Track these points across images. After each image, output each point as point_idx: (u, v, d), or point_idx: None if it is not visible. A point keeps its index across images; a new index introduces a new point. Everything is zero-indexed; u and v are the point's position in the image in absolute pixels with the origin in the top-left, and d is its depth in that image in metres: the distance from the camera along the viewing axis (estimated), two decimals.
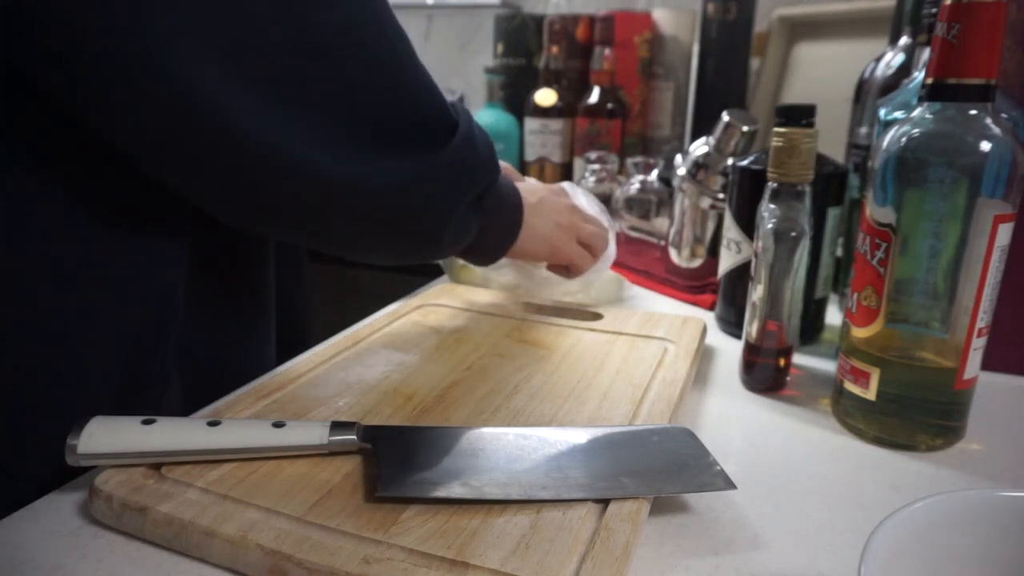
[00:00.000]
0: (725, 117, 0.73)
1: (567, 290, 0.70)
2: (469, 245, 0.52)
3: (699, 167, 0.74)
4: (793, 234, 0.50)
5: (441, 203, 0.45)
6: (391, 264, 0.51)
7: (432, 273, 0.84)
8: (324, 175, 0.39)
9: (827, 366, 0.59)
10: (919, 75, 0.57)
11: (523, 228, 0.56)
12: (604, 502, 0.36)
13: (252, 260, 0.53)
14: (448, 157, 0.43)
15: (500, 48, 1.29)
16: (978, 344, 0.44)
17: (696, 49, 1.17)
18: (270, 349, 0.57)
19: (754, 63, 1.17)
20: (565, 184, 0.68)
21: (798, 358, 0.60)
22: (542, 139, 1.19)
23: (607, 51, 1.14)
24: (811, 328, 0.64)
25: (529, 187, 0.59)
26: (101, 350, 0.41)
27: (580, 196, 0.68)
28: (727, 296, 0.66)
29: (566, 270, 0.64)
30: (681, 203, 0.76)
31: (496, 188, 0.51)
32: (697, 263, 0.77)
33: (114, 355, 0.42)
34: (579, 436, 0.41)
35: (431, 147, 0.43)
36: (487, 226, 0.51)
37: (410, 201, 0.43)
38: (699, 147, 0.75)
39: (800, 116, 0.53)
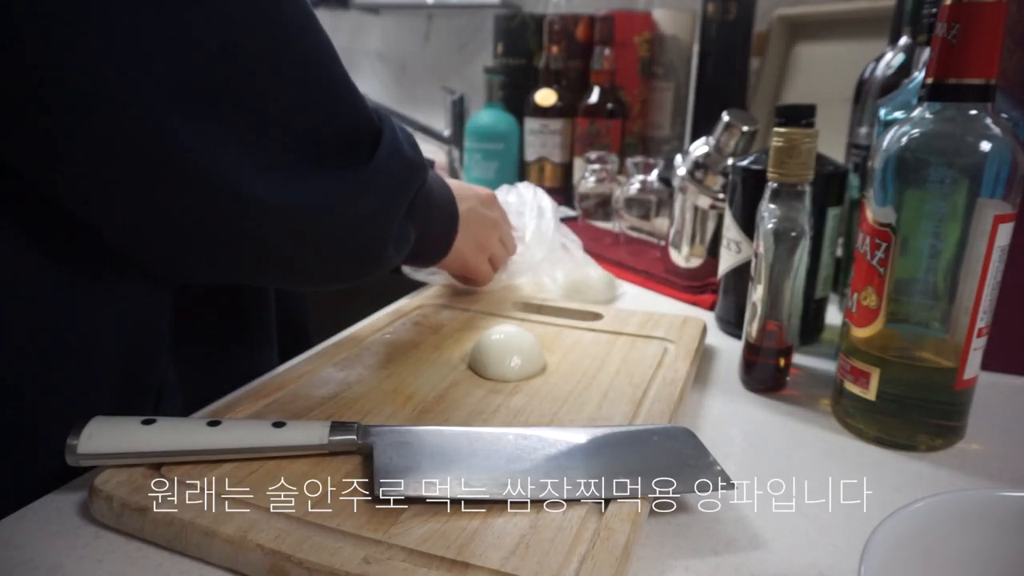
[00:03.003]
0: (725, 117, 0.73)
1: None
2: (411, 252, 0.50)
3: (699, 167, 0.74)
4: (793, 234, 0.50)
5: (381, 215, 0.43)
6: (342, 287, 0.48)
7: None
8: (256, 199, 0.36)
9: (827, 366, 0.59)
10: (919, 75, 0.57)
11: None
12: (604, 502, 0.36)
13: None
14: (378, 166, 0.41)
15: (500, 48, 1.29)
16: (978, 344, 0.44)
17: (696, 49, 1.17)
18: (271, 352, 0.57)
19: (754, 63, 1.17)
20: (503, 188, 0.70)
21: (798, 358, 0.60)
22: (542, 139, 1.19)
23: (607, 51, 1.14)
24: (811, 328, 0.64)
25: (459, 192, 0.58)
26: (87, 370, 0.41)
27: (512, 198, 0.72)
28: (727, 296, 0.66)
29: (465, 280, 0.66)
30: (681, 203, 0.76)
31: (427, 188, 0.49)
32: (697, 263, 0.77)
33: (101, 376, 0.41)
34: (579, 436, 0.41)
35: (360, 159, 0.41)
36: (424, 229, 0.50)
37: (349, 218, 0.41)
38: (699, 147, 0.75)
39: (800, 116, 0.53)
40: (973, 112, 0.41)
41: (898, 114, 0.55)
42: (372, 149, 0.42)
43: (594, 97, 1.15)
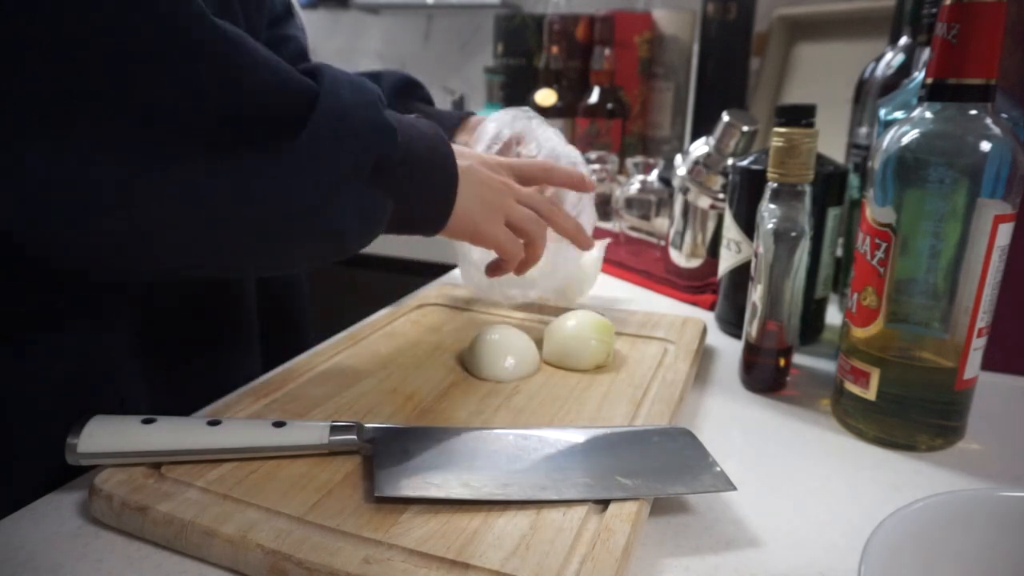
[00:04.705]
0: (725, 117, 0.73)
1: (507, 293, 0.64)
2: (398, 221, 0.45)
3: (699, 167, 0.74)
4: (793, 234, 0.50)
5: (319, 189, 0.39)
6: (309, 269, 0.45)
7: (432, 273, 0.84)
8: (172, 194, 0.34)
9: (827, 366, 0.59)
10: (919, 75, 0.57)
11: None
12: (604, 503, 0.36)
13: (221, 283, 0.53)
14: (309, 137, 0.37)
15: (500, 48, 1.29)
16: (978, 344, 0.44)
17: (696, 49, 1.17)
18: (251, 363, 0.57)
19: (754, 63, 1.17)
20: (519, 123, 0.59)
21: (798, 358, 0.60)
22: None
23: (607, 51, 1.14)
24: (811, 328, 0.64)
25: (459, 150, 0.50)
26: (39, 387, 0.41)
27: (540, 134, 0.59)
28: (727, 296, 0.66)
29: (500, 263, 0.55)
30: (681, 203, 0.76)
31: (405, 147, 0.43)
32: (697, 263, 0.77)
33: (62, 379, 0.42)
34: (579, 436, 0.41)
35: (282, 134, 0.37)
36: (406, 193, 0.44)
37: (274, 201, 0.37)
38: (699, 147, 0.75)
39: (800, 116, 0.53)
40: (973, 112, 0.41)
41: (898, 114, 0.55)
42: (300, 120, 0.37)
43: (594, 97, 1.15)
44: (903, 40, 0.71)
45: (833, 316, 0.68)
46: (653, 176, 0.92)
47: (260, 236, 0.38)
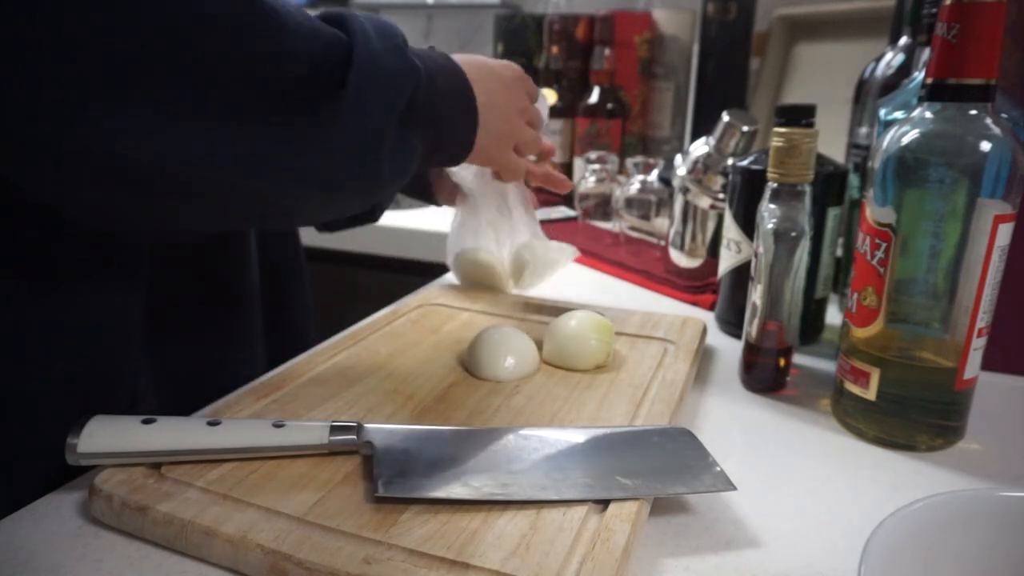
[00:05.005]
0: (725, 117, 0.73)
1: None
2: (428, 155, 0.47)
3: (699, 167, 0.74)
4: (793, 234, 0.50)
5: (356, 141, 0.40)
6: (350, 214, 0.47)
7: (432, 273, 0.84)
8: (210, 168, 0.35)
9: (827, 366, 0.59)
10: (919, 75, 0.57)
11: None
12: (604, 503, 0.35)
13: (224, 270, 0.53)
14: (350, 93, 0.39)
15: (500, 48, 1.29)
16: (978, 344, 0.44)
17: (696, 49, 1.17)
18: (254, 358, 0.57)
19: (754, 63, 1.17)
20: None
21: (798, 358, 0.60)
22: None
23: (607, 51, 1.14)
24: (811, 328, 0.64)
25: (476, 75, 0.51)
26: (48, 371, 0.41)
27: None
28: (727, 296, 0.66)
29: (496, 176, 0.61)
30: (681, 203, 0.76)
31: (431, 88, 0.44)
32: (697, 263, 0.77)
33: (63, 379, 0.42)
34: (579, 436, 0.41)
35: (323, 95, 0.38)
36: (435, 132, 0.47)
37: (316, 155, 0.39)
38: (699, 147, 0.75)
39: (800, 116, 0.53)
40: (973, 112, 0.41)
41: (898, 114, 0.55)
42: (341, 75, 0.39)
43: (594, 97, 1.15)
44: (903, 40, 0.71)
45: (833, 316, 0.68)
46: (653, 176, 0.92)
47: (304, 194, 0.40)
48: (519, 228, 0.68)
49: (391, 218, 1.10)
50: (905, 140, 0.43)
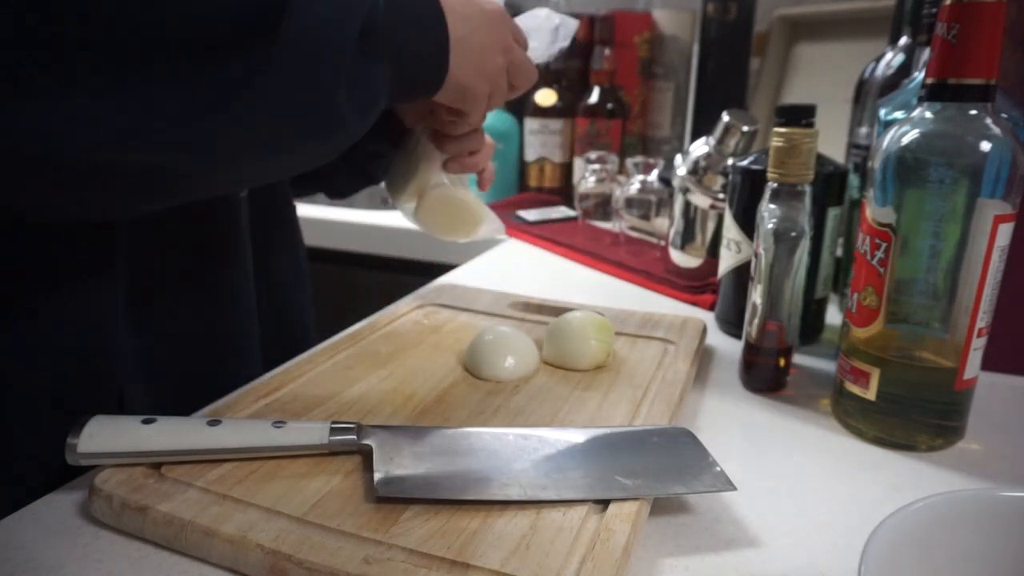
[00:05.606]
0: (725, 117, 0.73)
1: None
2: (396, 86, 0.43)
3: (699, 167, 0.74)
4: (793, 234, 0.50)
5: (310, 83, 0.36)
6: (321, 161, 0.43)
7: (432, 273, 0.84)
8: (146, 132, 0.33)
9: (827, 366, 0.59)
10: (919, 75, 0.57)
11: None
12: (604, 503, 0.35)
13: (211, 267, 0.52)
14: (289, 33, 0.34)
15: None
16: (978, 344, 0.44)
17: (696, 49, 1.17)
18: (252, 361, 0.57)
19: (754, 63, 1.17)
20: None
21: (798, 358, 0.60)
22: (542, 139, 1.19)
23: (607, 51, 1.14)
24: (811, 328, 0.64)
25: (461, 9, 0.47)
26: (34, 375, 0.41)
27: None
28: (727, 296, 0.66)
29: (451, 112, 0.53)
30: (681, 203, 0.76)
31: (387, 7, 0.40)
32: (697, 263, 0.77)
33: (58, 378, 0.42)
34: (579, 436, 0.41)
35: (256, 41, 0.34)
36: (398, 55, 0.42)
37: (269, 106, 0.35)
38: (699, 147, 0.75)
39: (800, 116, 0.53)
40: (973, 112, 0.41)
41: (898, 114, 0.55)
42: (279, 9, 0.34)
43: (594, 97, 1.15)
44: (903, 40, 0.70)
45: (833, 316, 0.68)
46: (653, 176, 0.92)
47: (258, 144, 0.37)
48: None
49: (391, 218, 1.10)
50: (905, 140, 0.43)
